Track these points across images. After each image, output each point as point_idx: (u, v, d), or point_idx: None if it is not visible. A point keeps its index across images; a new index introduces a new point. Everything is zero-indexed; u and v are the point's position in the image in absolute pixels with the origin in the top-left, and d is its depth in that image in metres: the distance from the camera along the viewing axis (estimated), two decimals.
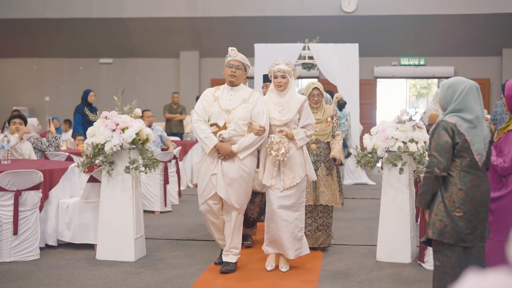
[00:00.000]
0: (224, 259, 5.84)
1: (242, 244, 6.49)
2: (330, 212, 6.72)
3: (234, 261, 5.85)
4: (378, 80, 19.00)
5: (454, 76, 12.84)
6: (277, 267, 5.88)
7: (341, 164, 6.86)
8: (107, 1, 17.39)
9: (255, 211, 6.84)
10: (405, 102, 21.17)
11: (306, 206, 6.30)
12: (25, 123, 8.26)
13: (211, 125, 5.63)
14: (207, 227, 5.90)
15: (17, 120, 8.19)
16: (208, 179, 5.64)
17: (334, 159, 6.64)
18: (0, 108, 18.64)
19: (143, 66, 19.00)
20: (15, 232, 6.03)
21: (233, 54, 5.76)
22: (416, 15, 16.82)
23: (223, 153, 5.54)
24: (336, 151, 6.65)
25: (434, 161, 3.94)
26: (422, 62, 18.40)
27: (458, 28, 17.13)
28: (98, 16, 17.47)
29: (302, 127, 5.70)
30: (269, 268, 5.85)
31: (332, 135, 6.75)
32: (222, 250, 5.93)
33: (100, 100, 15.75)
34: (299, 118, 5.70)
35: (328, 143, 6.72)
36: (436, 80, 20.01)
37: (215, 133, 5.57)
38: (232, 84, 5.76)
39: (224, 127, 5.58)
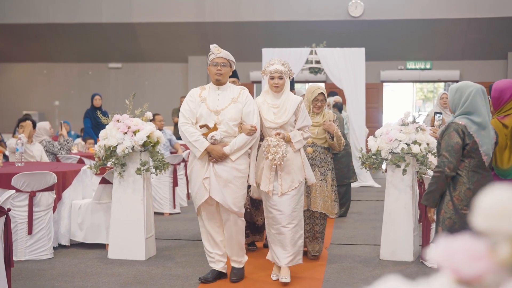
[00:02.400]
0: (232, 264, 5.66)
1: (248, 249, 6.60)
2: (325, 220, 6.49)
3: (242, 266, 5.68)
4: (384, 84, 19.14)
5: (459, 80, 12.97)
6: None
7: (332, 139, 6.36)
8: (116, 6, 17.60)
9: (260, 218, 6.73)
10: (411, 106, 21.31)
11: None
12: (34, 126, 8.45)
13: (201, 126, 5.35)
14: (202, 238, 5.61)
15: (24, 124, 8.40)
16: (199, 183, 5.35)
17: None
18: (10, 113, 18.87)
19: (151, 70, 19.20)
20: (30, 231, 6.23)
21: (216, 51, 5.45)
22: (422, 19, 16.95)
23: (215, 156, 5.27)
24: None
25: (444, 161, 4.12)
26: (428, 66, 18.53)
27: (463, 32, 17.26)
28: (107, 21, 17.69)
29: (298, 129, 5.46)
30: (274, 277, 5.64)
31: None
32: (212, 269, 5.61)
33: (109, 104, 15.95)
34: (295, 120, 5.46)
35: (325, 148, 6.41)
36: (442, 84, 20.15)
37: (205, 135, 5.31)
38: (219, 83, 5.46)
39: (215, 128, 5.32)
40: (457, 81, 17.84)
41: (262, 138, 5.57)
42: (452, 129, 4.15)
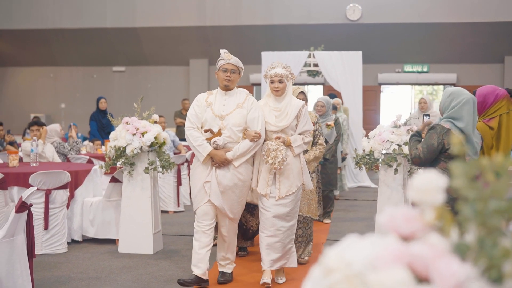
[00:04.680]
0: (220, 269, 5.70)
1: (237, 254, 6.59)
2: (309, 223, 6.48)
3: (230, 271, 5.71)
4: (383, 86, 19.52)
5: (456, 83, 13.26)
6: (273, 279, 5.65)
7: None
8: (120, 11, 17.96)
9: (254, 223, 6.76)
10: (410, 108, 21.63)
11: None
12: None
13: (205, 131, 5.38)
14: (194, 238, 5.50)
15: (34, 127, 8.80)
16: (200, 186, 5.38)
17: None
18: (18, 115, 19.27)
19: (154, 73, 19.54)
20: (46, 227, 6.65)
21: (227, 57, 5.46)
22: (419, 23, 17.26)
23: (218, 161, 5.28)
24: (309, 154, 6.32)
25: (418, 154, 4.54)
26: (425, 69, 18.86)
27: (461, 36, 17.56)
28: (111, 26, 18.04)
29: (299, 134, 5.40)
30: (264, 281, 5.50)
31: (314, 143, 6.46)
32: (194, 275, 5.47)
33: (113, 107, 16.34)
34: (296, 124, 5.41)
35: (308, 151, 6.40)
36: (442, 87, 20.50)
37: (209, 139, 5.32)
38: (227, 89, 5.48)
39: (219, 133, 5.33)
40: (454, 84, 18.20)
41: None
42: (435, 131, 4.55)
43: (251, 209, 6.66)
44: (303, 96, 6.37)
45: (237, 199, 5.43)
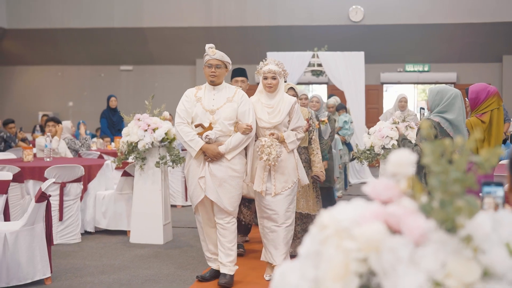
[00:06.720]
0: (222, 270, 5.49)
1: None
2: (309, 220, 6.44)
3: (232, 273, 5.49)
4: (388, 86, 19.80)
5: (456, 81, 13.57)
6: None
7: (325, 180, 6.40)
8: (128, 11, 18.24)
9: (251, 217, 6.87)
10: (413, 106, 21.89)
11: None
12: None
13: (196, 126, 5.34)
14: (200, 238, 5.67)
15: (51, 123, 9.13)
16: (195, 182, 5.34)
17: (317, 177, 6.23)
18: (26, 113, 19.60)
19: (161, 73, 19.81)
20: (61, 218, 6.99)
21: (211, 52, 5.39)
22: (420, 24, 17.53)
23: (210, 155, 5.24)
24: (318, 166, 6.25)
25: (419, 150, 4.87)
26: (426, 69, 19.14)
27: (460, 36, 17.83)
28: (119, 25, 18.32)
29: (292, 130, 5.44)
30: (267, 278, 5.65)
31: (308, 140, 6.43)
32: (211, 268, 5.65)
33: (121, 105, 16.61)
34: (289, 121, 5.43)
35: (305, 147, 6.39)
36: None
37: (200, 134, 5.29)
38: (214, 84, 5.43)
39: (210, 128, 5.30)
40: (454, 83, 18.49)
41: (256, 138, 5.48)
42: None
43: (247, 203, 6.81)
44: (293, 92, 6.28)
45: (235, 192, 5.34)
